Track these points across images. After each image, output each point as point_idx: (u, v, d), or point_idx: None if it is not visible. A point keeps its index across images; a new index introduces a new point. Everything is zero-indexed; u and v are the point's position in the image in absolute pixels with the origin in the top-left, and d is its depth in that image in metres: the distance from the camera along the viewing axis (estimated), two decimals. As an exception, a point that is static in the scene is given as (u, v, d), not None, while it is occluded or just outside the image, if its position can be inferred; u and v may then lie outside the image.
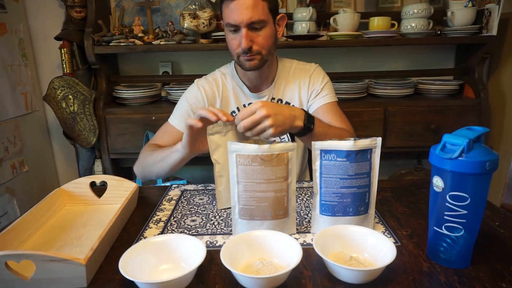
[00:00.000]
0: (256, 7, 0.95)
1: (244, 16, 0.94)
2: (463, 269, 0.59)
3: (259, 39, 0.99)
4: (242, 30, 0.96)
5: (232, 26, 0.97)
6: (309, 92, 1.13)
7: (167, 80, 1.92)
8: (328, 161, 0.67)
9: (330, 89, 1.14)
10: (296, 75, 1.14)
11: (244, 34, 0.96)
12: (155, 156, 0.97)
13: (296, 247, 0.57)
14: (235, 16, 0.95)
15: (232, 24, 0.96)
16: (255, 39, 0.98)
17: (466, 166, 0.53)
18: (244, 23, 0.95)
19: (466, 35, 1.68)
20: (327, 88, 1.14)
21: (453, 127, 0.61)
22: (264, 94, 1.11)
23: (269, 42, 1.01)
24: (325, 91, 1.13)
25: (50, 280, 0.56)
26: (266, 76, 1.10)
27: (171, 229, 0.74)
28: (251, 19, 0.95)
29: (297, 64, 1.17)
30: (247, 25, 0.96)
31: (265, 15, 0.98)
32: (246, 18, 0.94)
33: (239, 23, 0.95)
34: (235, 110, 1.12)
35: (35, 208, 0.74)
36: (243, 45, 0.96)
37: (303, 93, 1.13)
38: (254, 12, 0.95)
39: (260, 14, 0.96)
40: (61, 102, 1.71)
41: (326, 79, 1.15)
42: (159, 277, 0.57)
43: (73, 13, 1.73)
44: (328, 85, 1.15)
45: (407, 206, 0.82)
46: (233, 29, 0.98)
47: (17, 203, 1.70)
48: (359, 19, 1.70)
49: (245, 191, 0.67)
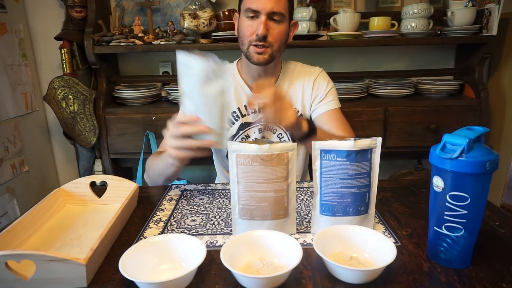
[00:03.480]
0: (280, 0, 0.98)
1: (267, 3, 0.96)
2: (463, 269, 0.59)
3: (275, 31, 1.00)
4: (262, 17, 0.97)
5: (251, 12, 0.98)
6: (312, 96, 1.12)
7: (167, 80, 1.92)
8: (328, 161, 0.67)
9: (334, 95, 1.14)
10: (300, 77, 1.13)
11: (263, 21, 0.97)
12: (155, 169, 0.98)
13: (296, 247, 0.57)
14: (258, 3, 0.97)
15: (253, 9, 0.97)
16: (271, 30, 0.99)
17: (466, 166, 0.53)
18: (266, 10, 0.97)
19: (466, 35, 1.68)
20: (331, 94, 1.13)
21: (453, 127, 0.61)
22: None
23: (282, 38, 1.03)
24: (329, 97, 1.12)
25: (50, 280, 0.56)
26: (270, 76, 1.10)
27: (171, 229, 0.74)
28: (273, 9, 0.97)
29: (301, 67, 1.16)
30: (268, 14, 0.97)
31: (284, 10, 1.00)
32: (269, 6, 0.96)
33: (261, 10, 0.97)
34: (235, 110, 1.11)
35: (35, 208, 0.74)
36: (260, 31, 0.97)
37: (306, 96, 1.12)
38: (277, 4, 0.97)
39: (282, 7, 0.99)
40: (61, 102, 1.72)
41: (331, 85, 1.15)
42: (159, 277, 0.57)
43: (73, 13, 1.73)
44: (333, 91, 1.15)
45: (407, 206, 0.82)
46: (252, 15, 0.99)
47: (17, 203, 1.70)
48: (359, 19, 1.70)
49: (245, 191, 0.67)
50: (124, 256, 0.57)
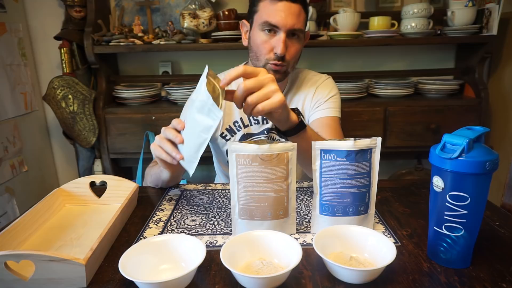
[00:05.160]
0: (300, 15, 0.92)
1: (289, 20, 0.90)
2: (463, 269, 0.59)
3: (292, 49, 0.95)
4: (281, 35, 0.92)
5: (269, 26, 0.92)
6: (312, 103, 1.07)
7: (167, 80, 1.93)
8: (328, 161, 0.67)
9: (334, 103, 1.07)
10: (304, 85, 1.09)
11: (283, 39, 0.91)
12: (152, 174, 0.96)
13: (296, 247, 0.57)
14: (279, 17, 0.90)
15: (272, 24, 0.92)
16: (289, 48, 0.94)
17: (466, 166, 0.53)
18: (287, 27, 0.91)
19: (466, 35, 1.68)
20: (332, 101, 1.07)
21: (453, 127, 0.61)
22: None
23: (297, 54, 0.98)
24: (328, 104, 1.06)
25: (50, 280, 0.56)
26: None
27: (171, 229, 0.74)
28: (294, 26, 0.91)
29: (307, 74, 1.12)
30: (288, 31, 0.92)
31: (304, 26, 0.95)
32: (291, 23, 0.91)
33: (281, 26, 0.91)
34: (237, 120, 1.08)
35: (34, 208, 0.74)
36: (279, 50, 0.91)
37: (307, 103, 1.08)
38: (298, 20, 0.92)
39: (302, 24, 0.94)
40: (61, 101, 1.71)
41: (333, 92, 1.08)
42: (159, 277, 0.57)
43: (73, 13, 1.73)
44: (334, 99, 1.08)
45: (407, 206, 0.82)
46: (269, 29, 0.93)
47: (16, 203, 1.70)
48: (359, 19, 1.70)
49: (245, 191, 0.67)
50: (124, 256, 0.57)
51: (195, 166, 0.70)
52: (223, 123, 1.08)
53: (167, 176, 0.89)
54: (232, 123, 1.08)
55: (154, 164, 0.99)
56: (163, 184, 0.94)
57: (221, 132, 1.09)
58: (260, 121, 1.07)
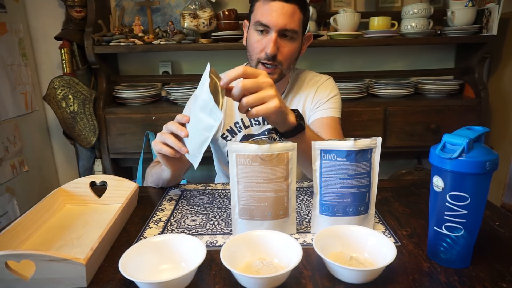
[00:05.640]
0: (293, 16, 0.91)
1: (280, 20, 0.90)
2: (463, 269, 0.59)
3: (285, 49, 0.94)
4: (272, 34, 0.91)
5: (261, 26, 0.92)
6: (313, 103, 1.06)
7: (167, 80, 1.93)
8: (328, 161, 0.67)
9: (335, 104, 1.07)
10: (304, 86, 1.09)
11: (273, 39, 0.91)
12: (152, 173, 0.96)
13: (296, 247, 0.57)
14: (270, 17, 0.90)
15: (263, 23, 0.92)
16: (281, 49, 0.93)
17: (466, 166, 0.53)
18: (278, 27, 0.91)
19: (466, 35, 1.68)
20: (332, 102, 1.06)
21: (453, 127, 0.61)
22: None
23: (292, 56, 0.97)
24: (328, 104, 1.05)
25: (50, 280, 0.56)
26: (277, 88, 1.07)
27: (171, 229, 0.74)
28: (285, 26, 0.91)
29: (308, 75, 1.12)
30: (279, 31, 0.91)
31: (298, 27, 0.94)
32: (281, 23, 0.90)
33: (272, 26, 0.91)
34: (238, 121, 1.08)
35: (35, 208, 0.74)
36: (269, 50, 0.91)
37: (307, 104, 1.07)
38: (290, 20, 0.91)
39: (295, 24, 0.93)
40: (61, 102, 1.72)
41: (334, 93, 1.08)
42: (159, 277, 0.57)
43: (73, 13, 1.73)
44: (334, 99, 1.07)
45: (407, 206, 0.82)
46: (261, 29, 0.93)
47: (17, 203, 1.70)
48: (359, 19, 1.70)
49: (245, 191, 0.67)
50: (124, 256, 0.57)
51: (199, 161, 0.70)
52: (224, 124, 1.08)
53: (168, 175, 0.89)
54: (233, 124, 1.08)
55: (155, 164, 0.99)
56: (164, 184, 0.94)
57: (222, 133, 1.09)
58: (261, 122, 1.08)
